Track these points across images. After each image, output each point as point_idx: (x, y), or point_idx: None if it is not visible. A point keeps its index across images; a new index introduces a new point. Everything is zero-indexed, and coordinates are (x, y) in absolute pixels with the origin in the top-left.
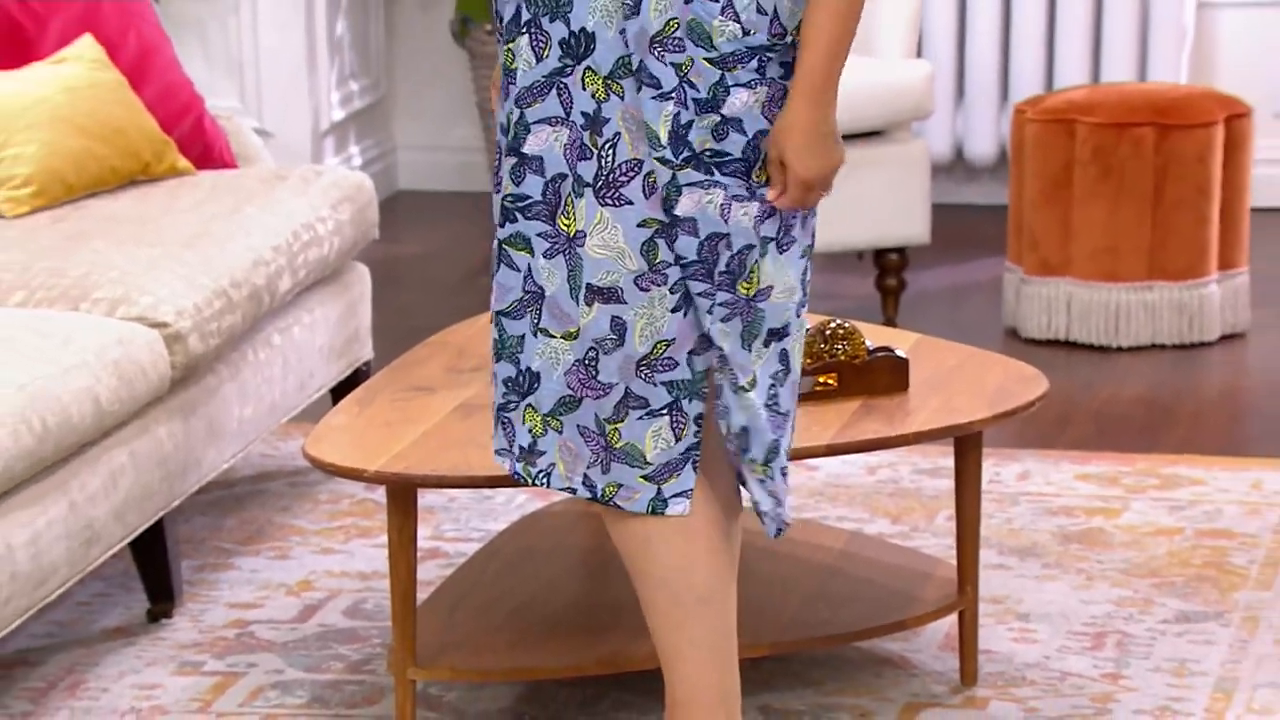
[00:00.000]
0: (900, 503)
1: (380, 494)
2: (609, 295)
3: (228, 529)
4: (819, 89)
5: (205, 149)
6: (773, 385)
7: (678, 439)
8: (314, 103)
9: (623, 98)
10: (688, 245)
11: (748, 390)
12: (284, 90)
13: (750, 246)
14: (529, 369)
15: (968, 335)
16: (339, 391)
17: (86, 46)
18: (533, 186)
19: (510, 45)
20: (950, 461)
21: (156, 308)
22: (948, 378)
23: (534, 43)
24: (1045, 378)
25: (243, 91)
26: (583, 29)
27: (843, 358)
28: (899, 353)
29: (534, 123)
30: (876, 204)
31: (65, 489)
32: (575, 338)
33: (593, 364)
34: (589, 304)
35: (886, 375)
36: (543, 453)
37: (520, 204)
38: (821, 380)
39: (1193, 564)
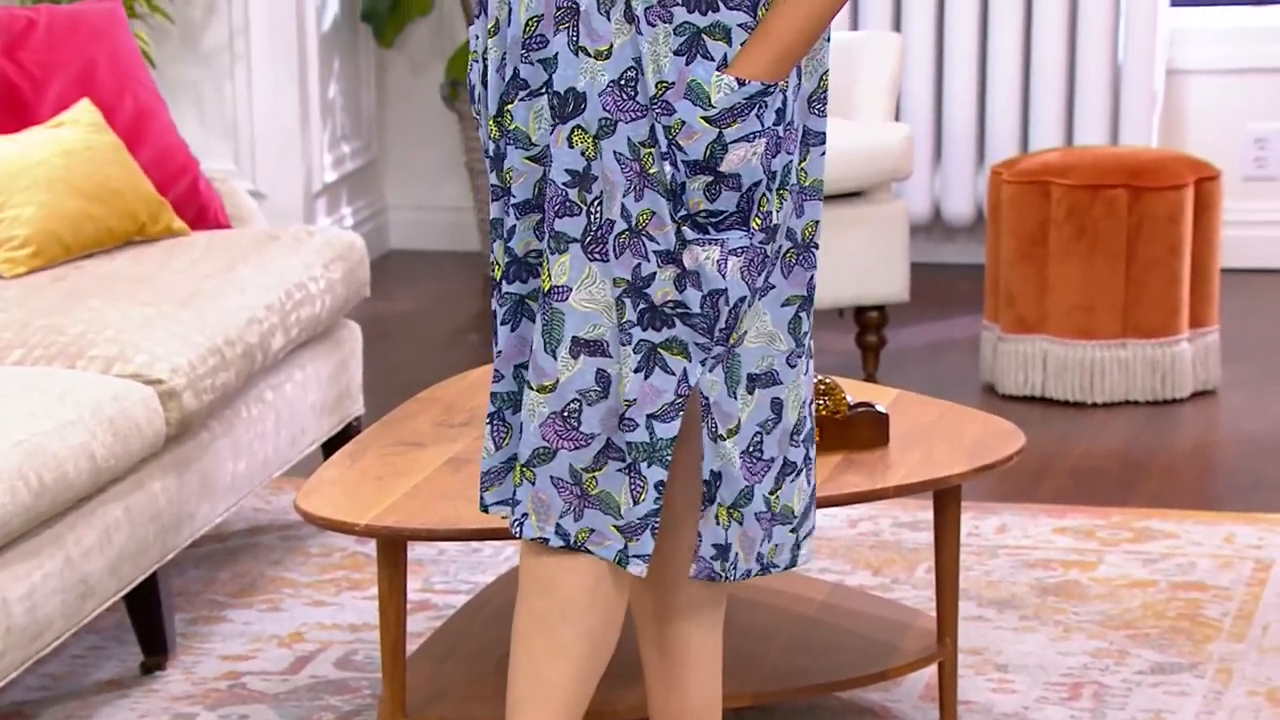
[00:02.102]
0: (881, 555)
1: (371, 547)
2: (595, 348)
3: (220, 582)
4: (778, 58)
5: (200, 210)
6: (758, 433)
7: (635, 502)
8: (307, 164)
9: (602, 157)
10: (691, 299)
11: (725, 439)
12: (277, 152)
13: (743, 299)
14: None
15: (946, 391)
16: (330, 446)
17: (84, 110)
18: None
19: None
20: (930, 515)
21: (152, 365)
22: (927, 432)
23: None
24: (1022, 433)
25: (237, 154)
26: (571, 89)
27: (824, 413)
28: (879, 408)
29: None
30: (857, 262)
31: (61, 543)
32: (552, 390)
33: (574, 415)
34: (574, 356)
35: (867, 430)
36: (517, 502)
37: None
38: None
39: (1167, 616)
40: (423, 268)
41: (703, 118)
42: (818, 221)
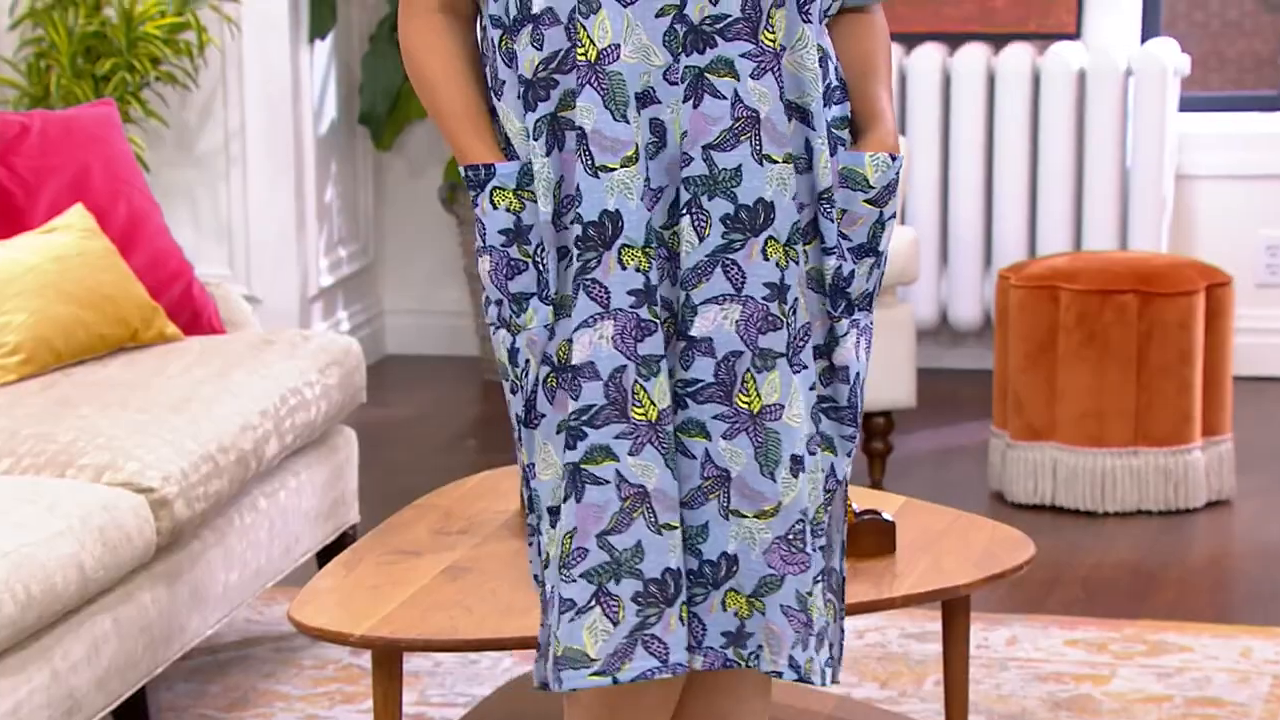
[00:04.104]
0: (888, 667)
1: (366, 659)
2: (804, 464)
3: (211, 696)
4: (896, 136)
5: (194, 315)
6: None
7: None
8: (302, 269)
9: (798, 263)
10: (840, 393)
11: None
12: (272, 257)
13: (859, 375)
14: (721, 555)
15: (954, 499)
16: (325, 555)
17: (77, 215)
18: (703, 370)
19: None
20: (938, 625)
21: (143, 473)
22: (935, 541)
23: (695, 222)
24: (1032, 542)
25: (231, 258)
26: (760, 199)
27: None
28: (886, 516)
29: (700, 304)
30: None
31: (48, 657)
32: (775, 514)
33: (798, 538)
34: (794, 475)
35: (874, 538)
36: (750, 635)
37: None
38: None
39: None
40: (420, 373)
41: (865, 200)
42: None
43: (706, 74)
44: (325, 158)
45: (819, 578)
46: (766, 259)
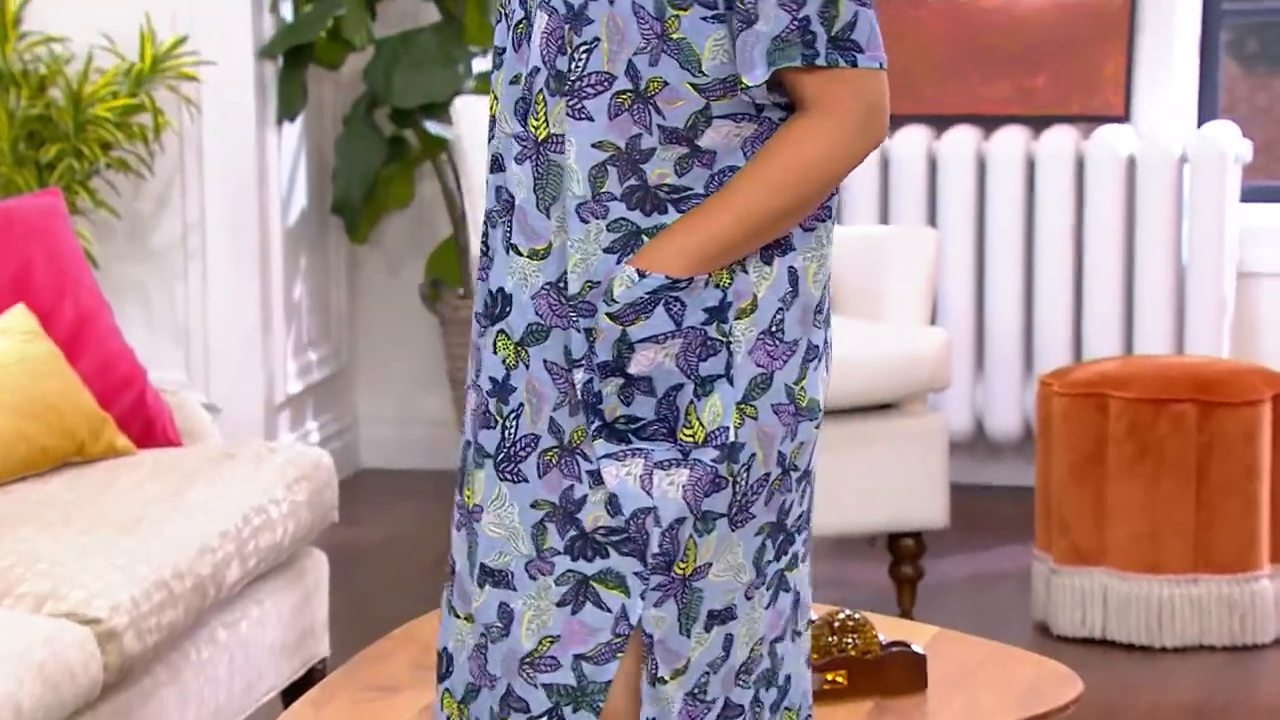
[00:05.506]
0: None
1: None
2: (500, 579)
3: None
4: (689, 252)
5: (147, 426)
6: (706, 673)
7: None
8: (268, 374)
9: (528, 366)
10: (620, 524)
11: (667, 681)
12: (235, 361)
13: (681, 520)
14: (444, 649)
15: (993, 630)
16: (292, 693)
17: (18, 317)
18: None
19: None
20: None
21: (88, 602)
22: (970, 676)
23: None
24: (1080, 679)
25: (189, 362)
26: (500, 289)
27: (853, 653)
28: (916, 648)
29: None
30: (889, 484)
31: None
32: (472, 620)
33: (481, 650)
34: (480, 585)
35: (902, 672)
36: None
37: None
38: (830, 678)
39: None
40: (398, 489)
41: (606, 314)
42: (804, 444)
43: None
44: (294, 251)
45: (563, 711)
46: (495, 353)
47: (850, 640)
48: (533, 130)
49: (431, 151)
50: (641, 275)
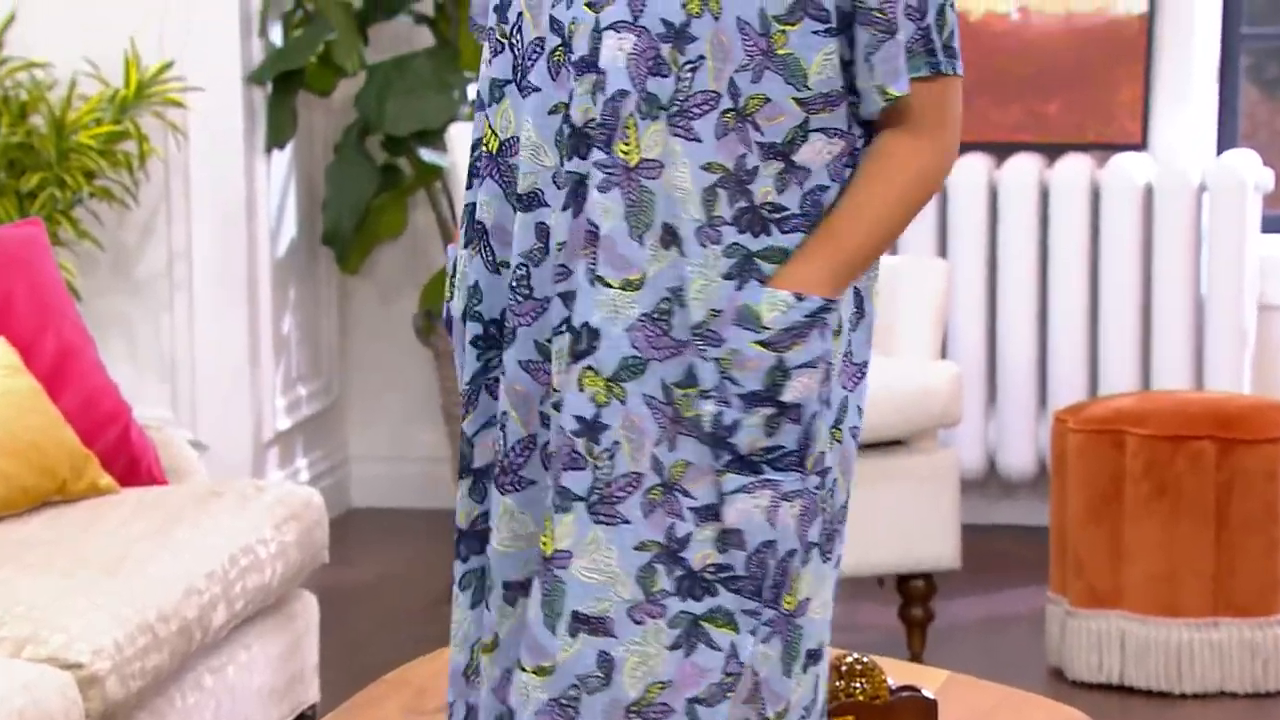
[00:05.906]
0: None
1: None
2: (597, 627)
3: None
4: (838, 269)
5: (131, 463)
6: (802, 717)
7: None
8: (256, 410)
9: (624, 402)
10: (737, 560)
11: None
12: (222, 396)
13: (793, 552)
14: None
15: (1005, 674)
16: None
17: None
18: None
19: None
20: None
21: (69, 646)
22: None
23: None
24: None
25: (175, 398)
26: (586, 324)
27: (861, 698)
28: (926, 693)
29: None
30: (898, 523)
31: None
32: (550, 673)
33: (571, 704)
34: (572, 635)
35: (912, 718)
36: None
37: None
38: None
39: None
40: (391, 528)
41: (755, 342)
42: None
43: (587, 181)
44: (283, 282)
45: None
46: (581, 390)
47: (859, 685)
48: (621, 156)
49: (425, 180)
50: (800, 298)
